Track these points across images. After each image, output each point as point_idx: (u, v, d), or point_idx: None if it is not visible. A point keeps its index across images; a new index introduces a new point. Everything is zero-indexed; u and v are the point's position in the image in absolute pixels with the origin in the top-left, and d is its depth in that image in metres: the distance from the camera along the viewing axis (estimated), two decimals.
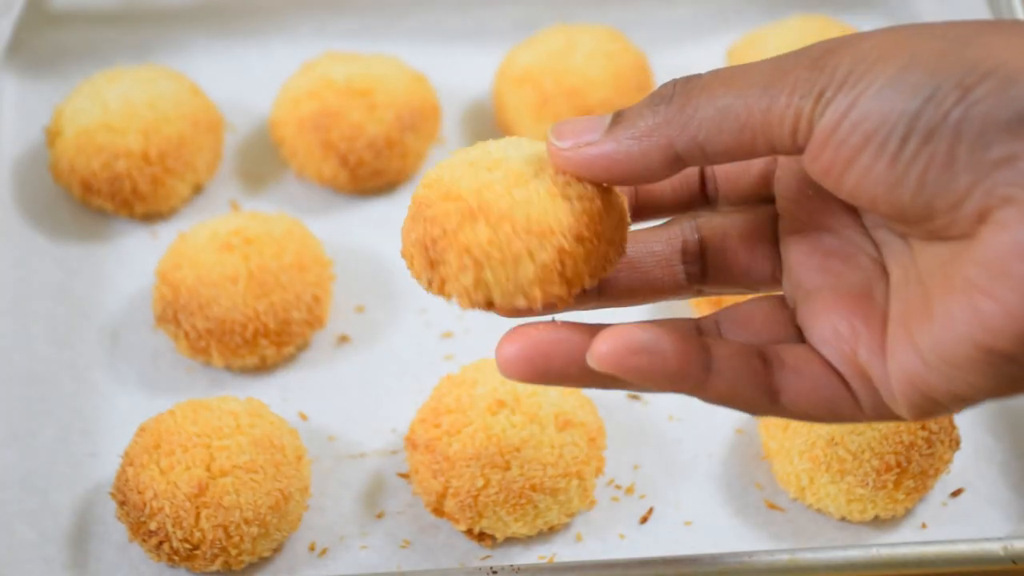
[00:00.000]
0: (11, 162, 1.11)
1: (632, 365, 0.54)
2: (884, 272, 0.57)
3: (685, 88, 0.55)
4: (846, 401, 0.56)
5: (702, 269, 0.63)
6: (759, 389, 0.56)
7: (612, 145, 0.56)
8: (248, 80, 1.18)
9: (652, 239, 0.63)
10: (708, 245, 0.63)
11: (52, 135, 1.09)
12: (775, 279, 0.62)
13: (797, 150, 0.53)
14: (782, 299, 0.61)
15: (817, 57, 0.52)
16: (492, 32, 1.20)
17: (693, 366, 0.54)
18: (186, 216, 1.09)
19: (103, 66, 1.16)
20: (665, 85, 0.56)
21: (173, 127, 1.07)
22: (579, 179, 0.57)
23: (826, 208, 0.59)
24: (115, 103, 1.07)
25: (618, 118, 0.56)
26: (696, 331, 0.60)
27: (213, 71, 1.18)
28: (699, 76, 0.55)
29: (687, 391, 0.55)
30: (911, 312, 0.54)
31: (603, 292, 0.62)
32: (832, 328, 0.57)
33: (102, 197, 1.06)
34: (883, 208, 0.53)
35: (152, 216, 1.09)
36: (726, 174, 0.63)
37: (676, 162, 0.55)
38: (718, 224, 0.63)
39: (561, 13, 1.21)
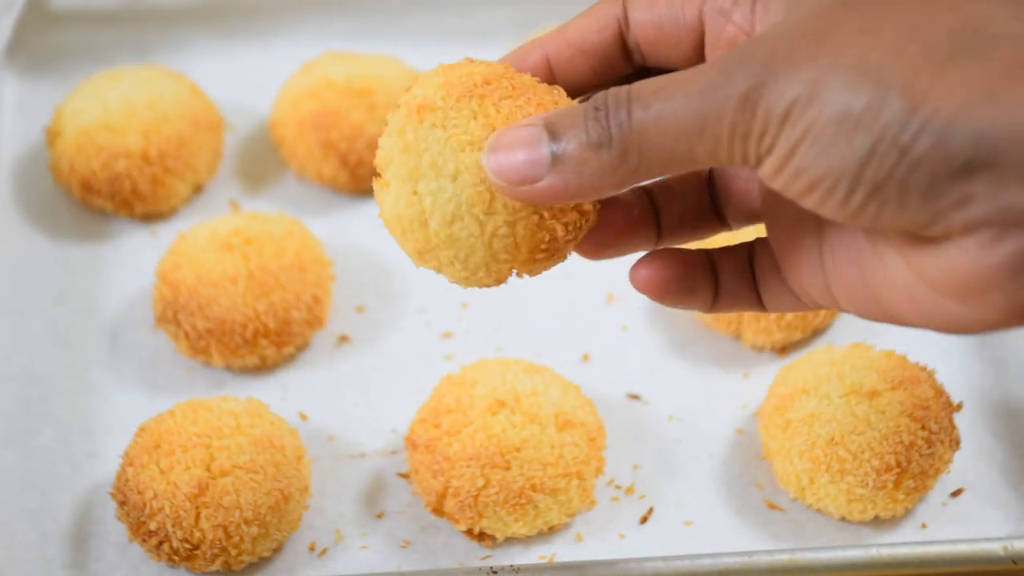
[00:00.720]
0: (11, 162, 1.11)
1: (672, 301, 0.64)
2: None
3: (619, 123, 0.54)
4: (802, 305, 0.63)
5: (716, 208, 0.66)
6: (752, 303, 0.65)
7: (558, 183, 0.55)
8: (248, 80, 1.18)
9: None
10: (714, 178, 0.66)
11: (52, 135, 1.09)
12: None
13: (752, 170, 0.55)
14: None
15: (746, 95, 0.51)
16: (492, 32, 1.20)
17: (708, 299, 0.64)
18: (186, 216, 1.09)
19: (103, 66, 1.16)
20: (596, 117, 0.54)
21: (173, 127, 1.07)
22: None
23: None
24: (115, 103, 1.07)
25: (556, 140, 0.55)
26: (707, 258, 0.65)
27: (213, 71, 1.18)
28: (628, 102, 0.54)
29: (694, 309, 0.65)
30: (860, 256, 0.57)
31: (660, 235, 0.65)
32: (785, 238, 0.61)
33: (102, 197, 1.06)
34: (844, 224, 0.54)
35: (152, 216, 1.09)
36: (650, 40, 0.63)
37: (625, 187, 0.56)
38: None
39: (561, 13, 1.21)
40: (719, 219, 0.66)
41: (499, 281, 0.60)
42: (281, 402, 0.96)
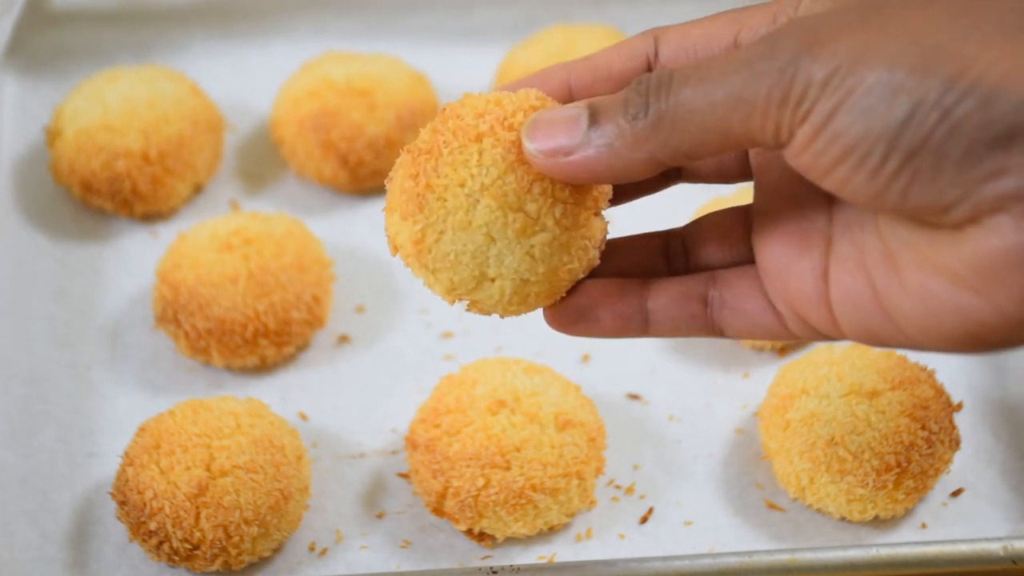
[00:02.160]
0: (11, 162, 1.11)
1: (577, 332, 0.63)
2: (831, 201, 0.59)
3: (657, 95, 0.54)
4: (779, 328, 0.62)
5: (676, 168, 0.65)
6: (700, 329, 0.63)
7: (591, 154, 0.56)
8: (248, 80, 1.18)
9: None
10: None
11: (52, 135, 1.09)
12: (744, 175, 0.65)
13: (780, 148, 0.54)
14: (744, 213, 0.64)
15: (789, 61, 0.51)
16: (492, 32, 1.20)
17: (630, 325, 0.63)
18: (186, 216, 1.09)
19: (103, 66, 1.16)
20: (636, 90, 0.55)
21: (173, 127, 1.07)
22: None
23: None
24: (115, 103, 1.07)
25: (595, 123, 0.56)
26: (639, 283, 0.63)
27: (213, 71, 1.18)
28: (669, 79, 0.54)
29: (626, 336, 0.64)
30: (869, 261, 0.56)
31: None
32: (780, 253, 0.60)
33: (102, 197, 1.06)
34: (865, 205, 0.53)
35: (152, 216, 1.09)
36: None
37: (658, 167, 0.56)
38: None
39: (561, 13, 1.21)
40: (671, 273, 0.65)
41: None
42: (281, 402, 0.96)
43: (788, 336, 0.61)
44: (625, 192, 0.66)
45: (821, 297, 0.58)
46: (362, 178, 1.08)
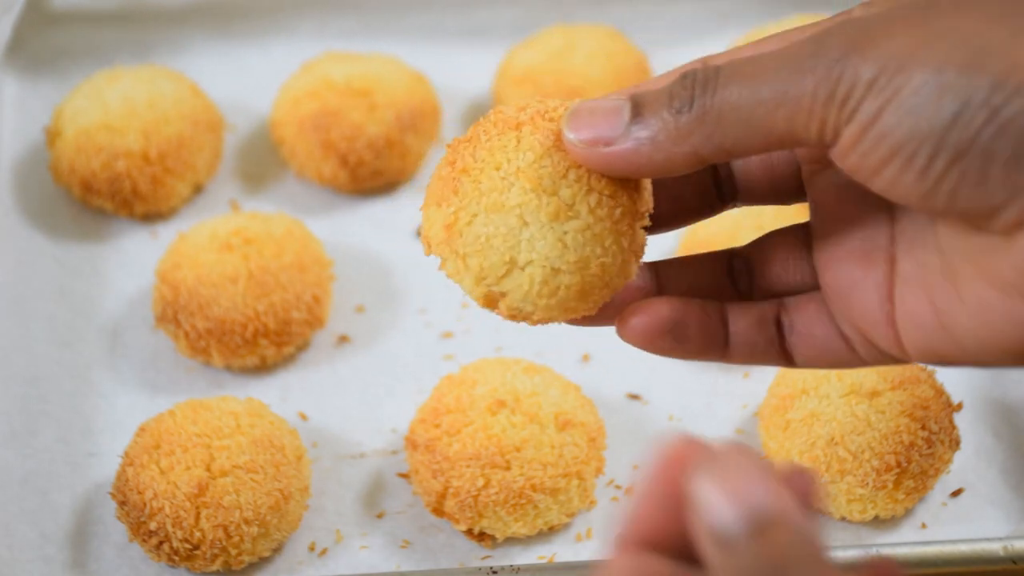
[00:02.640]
0: (11, 162, 1.11)
1: (658, 346, 0.61)
2: (891, 218, 0.57)
3: (703, 91, 0.53)
4: (847, 354, 0.60)
5: (732, 189, 0.63)
6: (775, 356, 0.61)
7: (632, 146, 0.55)
8: (248, 80, 1.18)
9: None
10: (734, 166, 0.63)
11: (52, 135, 1.09)
12: (800, 194, 0.62)
13: (825, 148, 0.53)
14: (805, 230, 0.62)
15: (837, 60, 0.51)
16: (492, 32, 1.20)
17: (713, 347, 0.61)
18: (186, 216, 1.09)
19: (103, 66, 1.16)
20: (682, 83, 0.54)
21: (173, 127, 1.07)
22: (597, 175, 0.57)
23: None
24: (115, 103, 1.07)
25: (638, 115, 0.55)
26: (718, 305, 0.61)
27: (213, 71, 1.18)
28: (716, 73, 0.53)
29: (704, 360, 0.62)
30: (930, 278, 0.55)
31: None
32: (844, 273, 0.58)
33: (102, 197, 1.06)
34: (915, 206, 0.52)
35: (152, 216, 1.09)
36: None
37: (700, 163, 0.55)
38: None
39: (561, 13, 1.21)
40: (739, 295, 0.63)
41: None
42: (281, 402, 0.96)
43: (857, 363, 0.60)
44: (682, 214, 0.64)
45: (887, 317, 0.57)
46: (362, 178, 1.08)
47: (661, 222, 0.62)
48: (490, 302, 0.58)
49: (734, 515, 0.42)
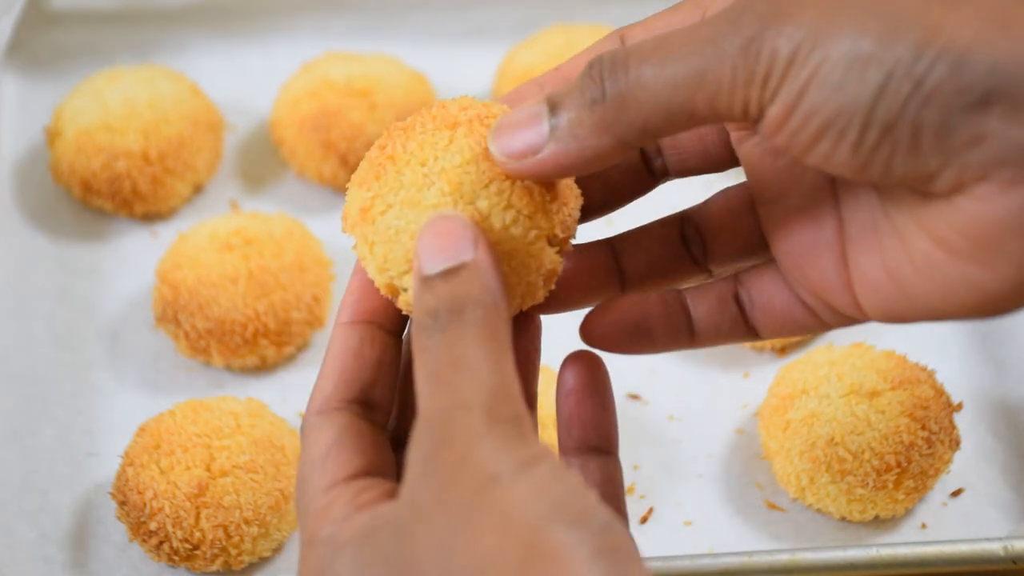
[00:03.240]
0: (11, 162, 1.11)
1: (624, 348, 0.61)
2: (832, 180, 0.57)
3: (613, 77, 0.52)
4: (810, 319, 0.59)
5: (662, 164, 0.62)
6: (741, 333, 0.61)
7: (559, 148, 0.53)
8: (248, 80, 1.18)
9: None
10: (663, 142, 0.62)
11: (52, 135, 1.09)
12: (735, 159, 0.61)
13: (752, 124, 0.52)
14: (743, 191, 0.62)
15: (751, 38, 0.49)
16: (492, 32, 1.20)
17: (680, 337, 0.61)
18: (186, 216, 1.09)
19: (103, 66, 1.16)
20: (591, 71, 0.53)
21: (173, 127, 1.07)
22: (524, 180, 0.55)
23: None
24: (115, 103, 1.07)
25: (555, 111, 0.53)
26: (676, 294, 0.61)
27: (213, 71, 1.18)
28: (625, 58, 0.52)
29: (672, 350, 0.62)
30: (879, 237, 0.54)
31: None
32: (795, 240, 0.58)
33: (102, 197, 1.06)
34: (852, 179, 0.52)
35: (152, 216, 1.09)
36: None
37: (628, 150, 0.53)
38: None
39: (561, 13, 1.21)
40: (695, 264, 0.63)
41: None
42: (281, 402, 0.96)
43: (821, 327, 0.60)
44: (614, 199, 0.63)
45: (844, 281, 0.56)
46: None
47: (592, 209, 0.61)
48: (392, 292, 0.57)
49: (438, 261, 0.51)
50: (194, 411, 0.88)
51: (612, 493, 0.61)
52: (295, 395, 0.97)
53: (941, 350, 0.96)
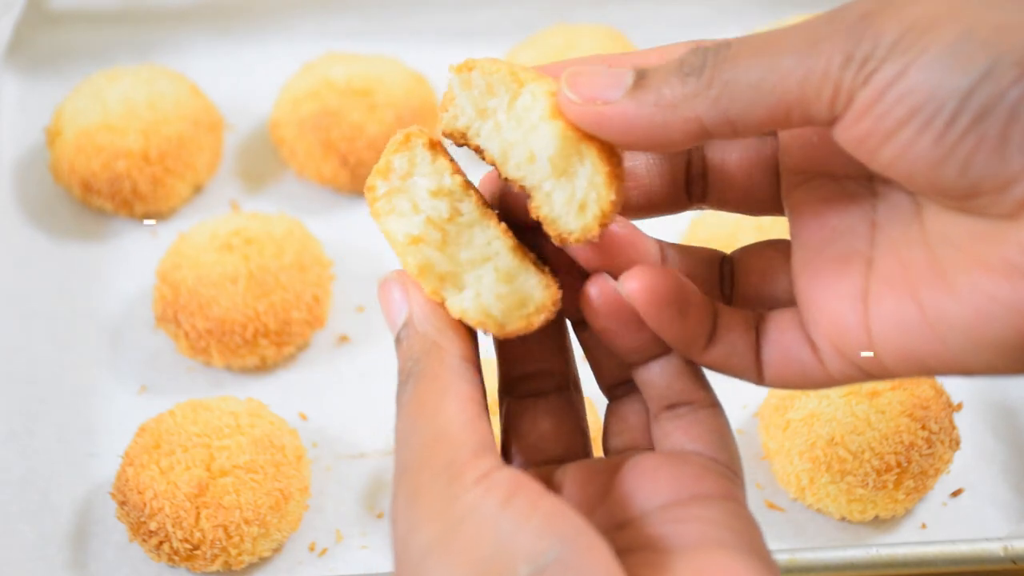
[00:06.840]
0: (11, 162, 1.11)
1: (658, 313, 0.57)
2: (872, 223, 0.56)
3: (715, 59, 0.51)
4: (815, 366, 0.57)
5: (703, 189, 0.61)
6: (749, 365, 0.59)
7: (632, 108, 0.52)
8: (248, 80, 1.18)
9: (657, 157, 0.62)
10: (711, 166, 0.61)
11: (52, 135, 1.09)
12: (771, 207, 0.61)
13: (832, 120, 0.51)
14: (787, 245, 0.60)
15: (856, 21, 0.49)
16: (492, 32, 1.21)
17: (699, 336, 0.58)
18: (186, 216, 1.09)
19: (103, 66, 1.16)
20: (695, 52, 0.52)
21: (173, 127, 1.07)
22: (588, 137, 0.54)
23: (831, 158, 0.57)
24: (115, 103, 1.07)
25: (642, 80, 0.53)
26: (711, 300, 0.59)
27: (213, 71, 1.18)
28: (728, 45, 0.52)
29: (684, 353, 0.59)
30: (914, 274, 0.52)
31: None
32: (817, 280, 0.56)
33: (102, 197, 1.06)
34: (920, 184, 0.50)
35: (152, 216, 1.09)
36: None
37: (700, 135, 0.52)
38: (719, 149, 0.61)
39: (561, 13, 1.21)
40: (723, 297, 0.62)
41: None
42: (281, 402, 0.96)
43: (825, 379, 0.57)
44: (647, 206, 0.62)
45: (860, 321, 0.54)
46: (362, 178, 1.08)
47: (627, 209, 0.60)
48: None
49: (393, 327, 0.59)
50: (194, 411, 0.88)
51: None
52: (295, 395, 0.97)
53: None
